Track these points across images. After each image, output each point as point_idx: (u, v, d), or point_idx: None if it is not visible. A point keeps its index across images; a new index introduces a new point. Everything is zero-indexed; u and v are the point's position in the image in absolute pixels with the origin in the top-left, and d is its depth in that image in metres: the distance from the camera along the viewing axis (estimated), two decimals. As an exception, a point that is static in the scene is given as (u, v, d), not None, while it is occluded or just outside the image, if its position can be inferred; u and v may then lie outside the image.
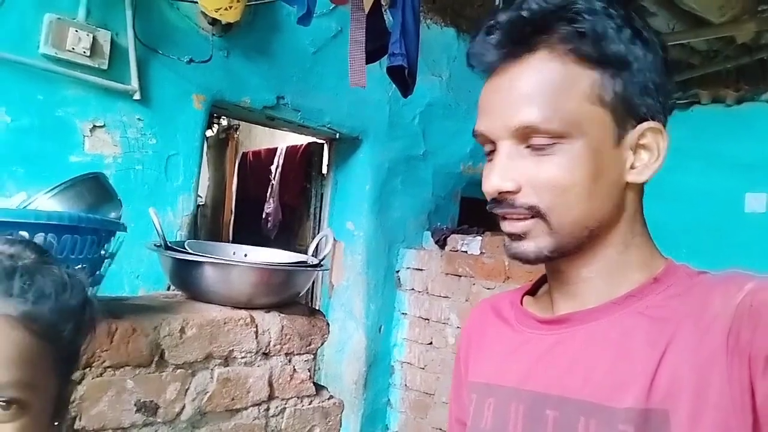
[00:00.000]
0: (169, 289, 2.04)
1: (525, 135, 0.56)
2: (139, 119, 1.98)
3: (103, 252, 1.05)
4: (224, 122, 3.88)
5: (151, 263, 1.97)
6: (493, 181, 0.58)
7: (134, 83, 1.94)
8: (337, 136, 2.71)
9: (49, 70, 1.77)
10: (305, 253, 1.47)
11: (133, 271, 1.97)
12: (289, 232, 3.10)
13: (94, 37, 1.82)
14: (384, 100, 2.74)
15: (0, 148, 1.72)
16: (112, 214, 1.06)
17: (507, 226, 0.59)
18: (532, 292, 0.73)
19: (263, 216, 3.26)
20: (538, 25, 0.56)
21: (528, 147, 0.57)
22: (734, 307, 0.51)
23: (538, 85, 0.56)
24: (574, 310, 0.62)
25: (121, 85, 1.91)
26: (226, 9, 1.68)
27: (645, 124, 0.57)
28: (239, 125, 4.06)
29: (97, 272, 1.05)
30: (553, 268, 0.64)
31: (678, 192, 3.18)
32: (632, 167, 0.58)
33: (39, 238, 0.89)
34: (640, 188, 0.60)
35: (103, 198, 1.06)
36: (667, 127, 0.58)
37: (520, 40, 0.57)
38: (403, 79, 1.50)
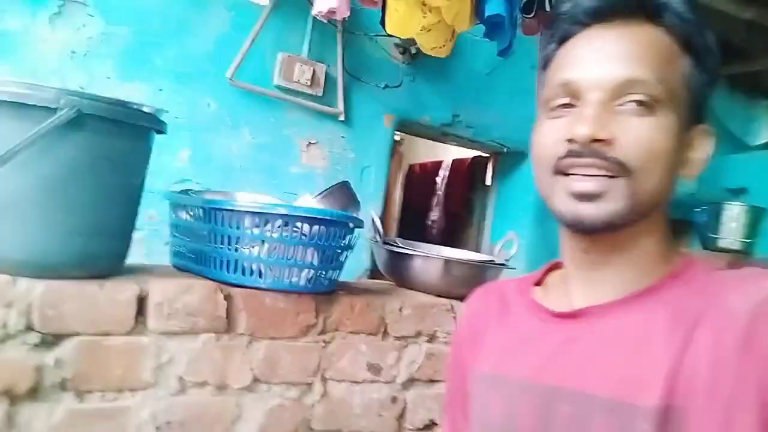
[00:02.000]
0: (361, 277, 2.38)
1: (624, 90, 0.55)
2: (342, 137, 2.35)
3: (344, 243, 1.35)
4: (396, 137, 4.25)
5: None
6: (587, 128, 0.54)
7: (340, 106, 2.31)
8: (505, 151, 2.90)
9: (280, 98, 2.20)
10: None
11: (332, 264, 2.33)
12: (451, 239, 3.35)
13: (313, 70, 2.22)
14: (550, 116, 2.88)
15: (243, 160, 2.18)
16: (355, 214, 1.36)
17: (578, 185, 0.56)
18: (539, 282, 0.71)
19: (428, 223, 3.54)
20: (660, 2, 0.58)
21: (619, 106, 0.56)
22: (753, 305, 0.50)
23: (649, 49, 0.56)
24: (592, 303, 0.60)
25: (330, 108, 2.29)
26: (440, 47, 1.95)
27: (702, 126, 0.61)
28: (404, 139, 4.41)
29: (341, 259, 1.35)
30: (584, 250, 0.61)
31: None
32: (685, 161, 0.60)
33: (315, 227, 1.21)
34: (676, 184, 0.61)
35: (349, 201, 1.37)
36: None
37: (643, 6, 0.58)
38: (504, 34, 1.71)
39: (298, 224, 1.20)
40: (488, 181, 3.15)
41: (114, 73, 1.91)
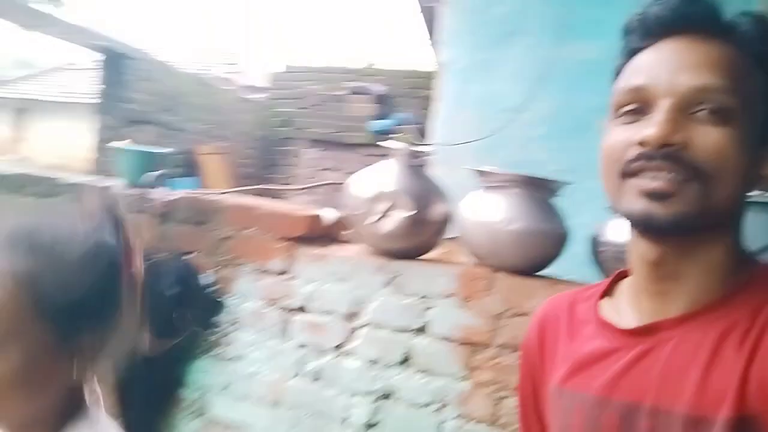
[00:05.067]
0: None
1: (697, 98, 0.55)
2: None
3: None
4: None
5: None
6: (659, 131, 0.54)
7: None
8: None
9: None
10: None
11: None
12: None
13: None
14: None
15: None
16: None
17: (650, 183, 0.55)
18: (606, 292, 0.70)
19: None
20: (728, 19, 0.58)
21: (691, 114, 0.55)
22: None
23: (723, 61, 0.56)
24: (662, 316, 0.60)
25: None
26: None
27: None
28: None
29: None
30: (654, 257, 0.60)
31: None
32: (759, 177, 0.58)
33: None
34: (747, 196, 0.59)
35: None
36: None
37: (715, 22, 0.58)
38: None
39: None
40: None
41: None
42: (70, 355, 0.69)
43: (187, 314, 1.80)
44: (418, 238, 1.69)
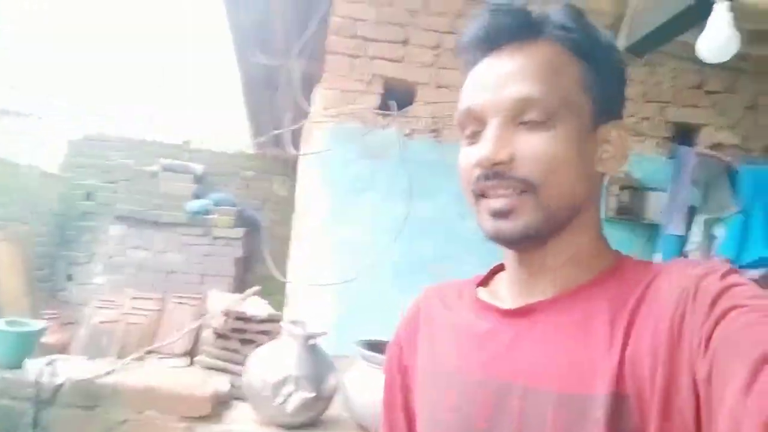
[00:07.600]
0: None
1: (520, 110, 0.58)
2: None
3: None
4: None
5: None
6: (487, 152, 0.58)
7: None
8: None
9: None
10: None
11: None
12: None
13: None
14: None
15: None
16: None
17: (492, 203, 0.60)
18: (483, 283, 0.73)
19: None
20: (538, 19, 0.62)
21: (520, 124, 0.59)
22: (679, 291, 0.53)
23: (538, 65, 0.59)
24: (536, 299, 0.62)
25: None
26: None
27: (614, 122, 0.63)
28: None
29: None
30: (519, 257, 0.64)
31: None
32: (601, 158, 0.62)
33: None
34: (601, 181, 0.64)
35: None
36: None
37: (525, 27, 0.61)
38: None
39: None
40: None
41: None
42: None
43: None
44: (315, 410, 1.96)
